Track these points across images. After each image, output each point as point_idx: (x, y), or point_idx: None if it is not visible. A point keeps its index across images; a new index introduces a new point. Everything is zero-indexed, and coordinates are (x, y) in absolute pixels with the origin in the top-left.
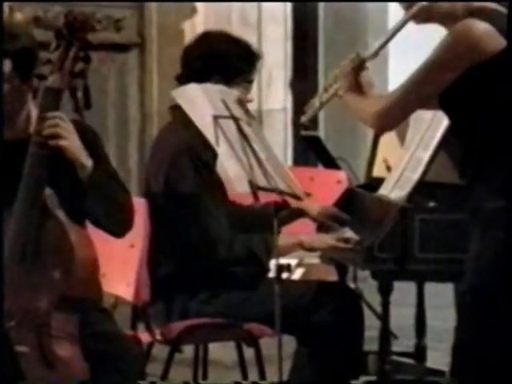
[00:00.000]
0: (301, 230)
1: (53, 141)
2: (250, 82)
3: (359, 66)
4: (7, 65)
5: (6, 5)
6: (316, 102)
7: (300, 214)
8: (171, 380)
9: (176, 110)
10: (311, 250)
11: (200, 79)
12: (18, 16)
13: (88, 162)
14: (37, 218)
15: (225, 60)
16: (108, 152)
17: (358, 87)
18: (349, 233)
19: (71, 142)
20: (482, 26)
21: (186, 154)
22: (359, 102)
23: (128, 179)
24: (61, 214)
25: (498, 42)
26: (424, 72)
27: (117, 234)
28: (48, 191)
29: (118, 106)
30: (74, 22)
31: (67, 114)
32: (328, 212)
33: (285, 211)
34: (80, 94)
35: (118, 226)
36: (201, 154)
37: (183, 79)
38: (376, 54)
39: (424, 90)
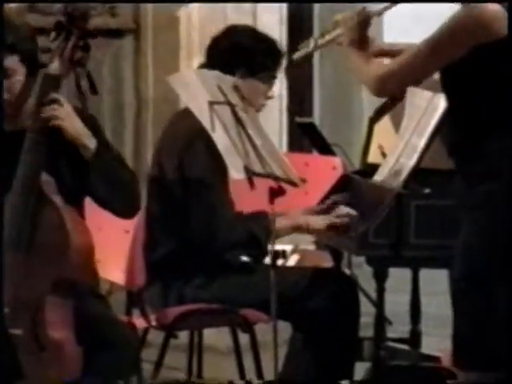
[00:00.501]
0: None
1: (52, 121)
2: (274, 77)
3: (365, 21)
4: (11, 59)
5: None
6: (311, 42)
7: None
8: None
9: None
10: (309, 232)
11: (224, 71)
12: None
13: (91, 143)
14: (33, 203)
15: (250, 54)
16: None
17: (360, 42)
18: (346, 209)
19: (71, 123)
20: (495, 7)
21: (202, 136)
22: (361, 63)
23: None
24: (58, 200)
25: (506, 25)
26: (430, 44)
27: (125, 215)
28: (45, 177)
29: (113, 92)
30: (74, 11)
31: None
32: (314, 211)
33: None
34: (83, 82)
35: (126, 207)
36: None
37: (207, 69)
38: (382, 12)
39: (427, 62)
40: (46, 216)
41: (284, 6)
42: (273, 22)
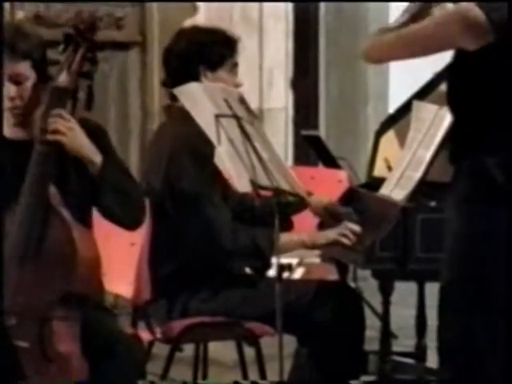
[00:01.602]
0: (302, 225)
1: (52, 136)
2: (235, 65)
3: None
4: (24, 65)
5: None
6: None
7: (302, 206)
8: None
9: (170, 108)
10: (314, 248)
11: (187, 75)
12: (20, 14)
13: (97, 158)
14: (41, 214)
15: (205, 49)
16: None
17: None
18: (350, 224)
19: (72, 138)
20: (480, 14)
21: (185, 148)
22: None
23: None
24: (65, 212)
25: (486, 36)
26: (412, 34)
27: (130, 227)
28: (52, 189)
29: (119, 104)
30: (82, 23)
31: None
32: (328, 205)
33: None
34: (82, 95)
35: (132, 219)
36: (199, 147)
37: (170, 82)
38: None
39: (405, 48)
40: (53, 227)
41: (290, 14)
42: (279, 34)
